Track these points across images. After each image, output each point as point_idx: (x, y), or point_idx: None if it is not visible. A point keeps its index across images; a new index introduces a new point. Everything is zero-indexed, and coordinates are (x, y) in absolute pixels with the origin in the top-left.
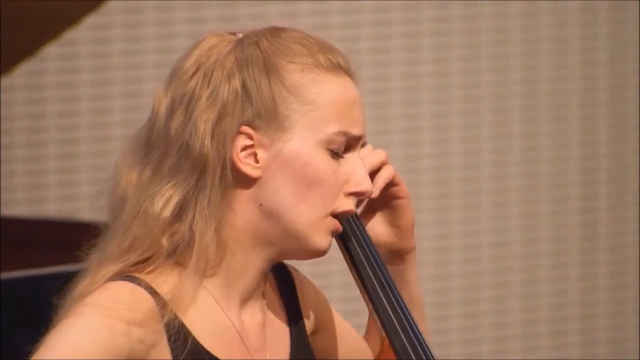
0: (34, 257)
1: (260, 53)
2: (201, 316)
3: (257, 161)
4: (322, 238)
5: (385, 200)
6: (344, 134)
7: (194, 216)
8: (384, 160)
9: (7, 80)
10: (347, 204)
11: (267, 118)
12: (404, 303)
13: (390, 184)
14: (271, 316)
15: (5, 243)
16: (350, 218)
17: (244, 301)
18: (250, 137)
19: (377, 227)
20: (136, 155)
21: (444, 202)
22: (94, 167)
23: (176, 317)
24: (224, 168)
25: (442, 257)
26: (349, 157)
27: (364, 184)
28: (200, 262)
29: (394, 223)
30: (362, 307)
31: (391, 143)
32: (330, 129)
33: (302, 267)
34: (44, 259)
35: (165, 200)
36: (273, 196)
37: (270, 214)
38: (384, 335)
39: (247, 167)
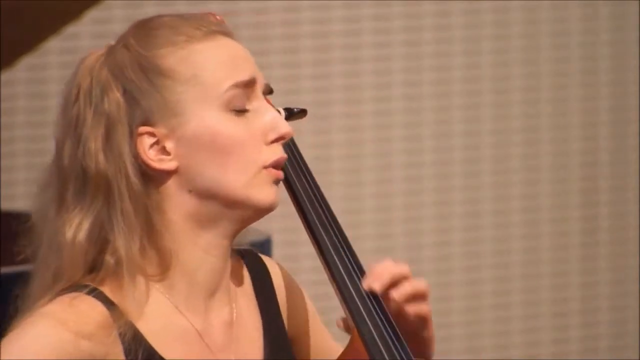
0: None
1: (129, 53)
2: (156, 322)
3: (167, 153)
4: (264, 192)
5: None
6: (235, 85)
7: (113, 233)
8: (406, 274)
9: (8, 74)
10: (274, 153)
11: (160, 111)
12: (374, 294)
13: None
14: (243, 314)
15: (6, 237)
16: (314, 199)
17: (210, 297)
18: (151, 134)
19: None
20: (47, 193)
21: (445, 196)
22: None
23: (131, 325)
24: (127, 177)
25: (443, 251)
26: (255, 106)
27: (280, 127)
28: (133, 277)
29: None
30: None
31: (392, 137)
32: (222, 89)
33: (274, 254)
34: None
35: (75, 227)
36: (198, 178)
37: (203, 195)
38: (352, 325)
39: (162, 162)
